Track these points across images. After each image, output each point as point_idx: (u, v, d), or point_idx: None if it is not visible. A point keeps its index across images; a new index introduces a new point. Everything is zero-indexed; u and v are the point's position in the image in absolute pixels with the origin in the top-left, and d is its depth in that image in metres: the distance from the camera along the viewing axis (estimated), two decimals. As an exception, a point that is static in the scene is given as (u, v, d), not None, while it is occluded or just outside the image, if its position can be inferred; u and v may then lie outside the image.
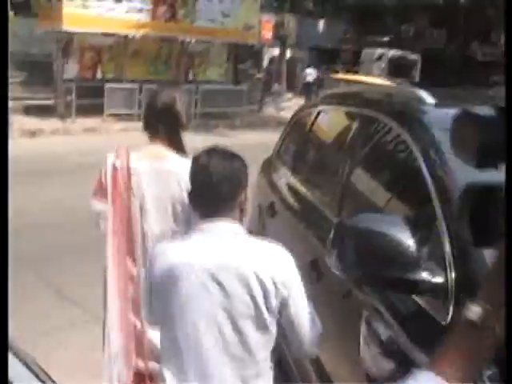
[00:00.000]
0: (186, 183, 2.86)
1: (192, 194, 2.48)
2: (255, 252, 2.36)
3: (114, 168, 3.31)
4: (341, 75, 19.56)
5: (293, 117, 5.43)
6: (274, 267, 2.31)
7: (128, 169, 3.29)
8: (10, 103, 16.88)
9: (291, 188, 4.49)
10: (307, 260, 3.34)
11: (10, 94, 16.84)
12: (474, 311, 1.17)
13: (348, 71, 32.09)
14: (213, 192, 2.37)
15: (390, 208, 2.91)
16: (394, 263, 2.20)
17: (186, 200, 2.92)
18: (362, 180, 3.50)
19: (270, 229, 4.58)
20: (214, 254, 2.33)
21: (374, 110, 3.42)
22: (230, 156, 2.47)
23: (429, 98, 3.00)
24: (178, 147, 3.43)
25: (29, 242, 7.09)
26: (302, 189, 4.23)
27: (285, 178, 4.80)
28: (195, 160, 2.47)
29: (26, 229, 7.52)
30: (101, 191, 3.38)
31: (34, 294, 5.95)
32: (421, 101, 3.03)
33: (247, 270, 2.28)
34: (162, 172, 3.29)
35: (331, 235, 2.36)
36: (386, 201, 3.00)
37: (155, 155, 3.37)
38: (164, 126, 3.42)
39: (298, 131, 5.12)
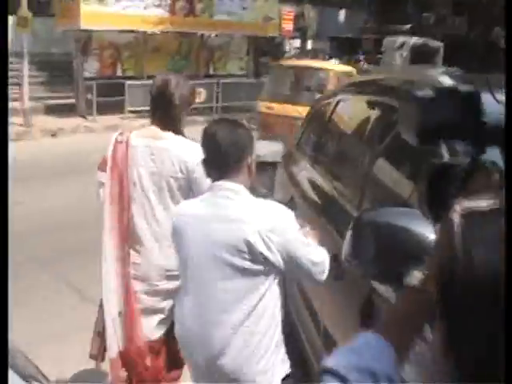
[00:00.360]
0: (180, 162, 3.37)
1: (204, 161, 2.78)
2: (246, 206, 2.69)
3: (116, 142, 3.60)
4: (286, 62, 17.98)
5: (312, 107, 5.30)
6: (261, 219, 2.63)
7: (127, 144, 3.54)
8: (31, 103, 16.98)
9: (311, 181, 4.37)
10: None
11: (30, 95, 16.96)
12: (415, 276, 1.28)
13: (369, 60, 31.86)
14: (220, 157, 2.70)
15: (413, 200, 2.77)
16: (415, 259, 2.07)
17: (182, 178, 3.39)
18: (384, 171, 3.35)
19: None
20: (212, 206, 2.71)
21: (394, 97, 3.27)
22: (235, 124, 2.81)
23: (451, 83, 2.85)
24: (174, 129, 3.56)
25: (51, 243, 7.05)
26: (322, 181, 4.11)
27: (305, 170, 4.67)
28: (205, 130, 2.80)
29: (50, 228, 7.49)
30: (104, 164, 3.64)
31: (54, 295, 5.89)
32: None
33: (234, 221, 2.63)
34: (157, 151, 3.48)
35: (349, 229, 2.23)
36: (409, 192, 2.86)
37: (151, 135, 3.57)
38: (158, 109, 3.60)
39: (317, 122, 5.00)
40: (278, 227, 2.63)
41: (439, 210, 2.01)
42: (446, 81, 2.93)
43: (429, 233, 2.07)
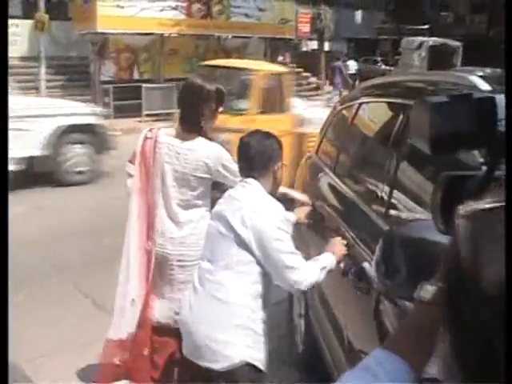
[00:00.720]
0: (202, 163, 3.61)
1: (238, 164, 3.23)
2: (249, 192, 3.06)
3: (145, 138, 3.81)
4: (213, 61, 12.68)
5: (332, 111, 5.14)
6: (252, 202, 3.01)
7: (155, 141, 3.76)
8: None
9: (332, 187, 4.22)
10: (351, 267, 3.07)
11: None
12: (427, 290, 1.23)
13: (386, 62, 31.66)
14: (248, 162, 3.14)
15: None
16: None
17: (202, 178, 3.65)
18: (411, 177, 3.20)
19: (310, 234, 4.32)
20: (231, 198, 3.14)
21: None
22: (266, 136, 3.25)
23: (484, 85, 2.68)
24: (198, 130, 3.72)
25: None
26: (344, 189, 3.96)
27: (326, 176, 4.52)
28: (241, 139, 3.23)
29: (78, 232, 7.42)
30: (134, 158, 3.85)
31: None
32: (475, 88, 2.72)
33: (234, 198, 3.08)
34: (182, 150, 3.68)
35: (378, 246, 2.09)
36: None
37: (178, 135, 3.75)
38: (184, 109, 3.78)
39: (338, 126, 4.83)
40: (260, 212, 2.97)
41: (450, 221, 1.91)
42: (478, 81, 2.76)
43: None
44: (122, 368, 3.82)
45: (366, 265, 2.89)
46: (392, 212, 3.00)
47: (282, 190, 3.61)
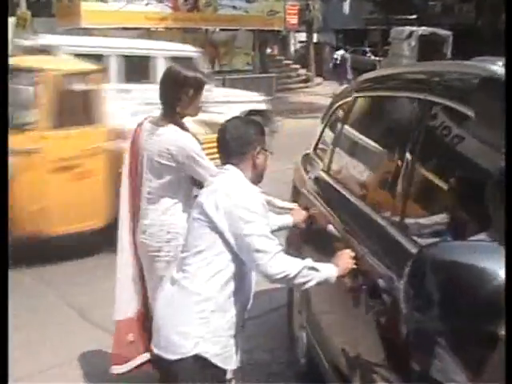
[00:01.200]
0: (165, 149, 3.67)
1: (218, 153, 3.11)
2: (227, 177, 2.97)
3: (137, 125, 3.98)
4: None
5: (329, 108, 4.82)
6: (226, 185, 2.92)
7: (141, 128, 3.91)
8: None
9: (333, 191, 3.89)
10: (363, 283, 2.75)
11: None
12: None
13: (374, 52, 31.43)
14: (225, 147, 3.05)
15: (472, 219, 2.31)
16: (491, 308, 1.62)
17: (163, 164, 3.69)
18: (430, 179, 2.87)
19: (305, 239, 4.02)
20: (208, 184, 3.08)
21: (436, 94, 2.78)
22: (245, 121, 3.22)
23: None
24: (172, 118, 3.78)
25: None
26: (347, 192, 3.63)
27: (322, 178, 4.20)
28: (220, 125, 3.14)
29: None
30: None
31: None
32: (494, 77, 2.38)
33: (209, 195, 2.92)
34: (154, 136, 3.77)
35: (407, 272, 1.77)
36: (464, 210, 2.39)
37: (156, 121, 3.84)
38: (161, 95, 3.82)
39: (335, 123, 4.51)
40: (233, 195, 2.86)
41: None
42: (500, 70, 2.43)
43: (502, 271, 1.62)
44: (136, 344, 3.99)
45: (380, 282, 2.58)
46: (408, 221, 2.68)
47: (266, 197, 3.39)
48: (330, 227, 3.58)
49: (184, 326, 2.83)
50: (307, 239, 4.04)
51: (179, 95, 3.73)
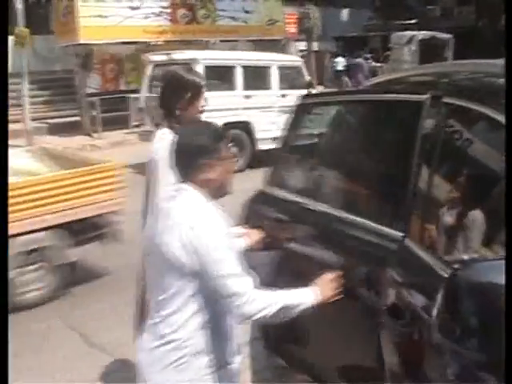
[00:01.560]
0: (149, 154, 3.65)
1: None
2: (186, 217, 2.57)
3: None
4: None
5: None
6: (193, 235, 2.50)
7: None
8: (34, 124, 16.50)
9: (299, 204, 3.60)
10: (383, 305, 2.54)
11: (33, 115, 16.47)
12: None
13: (376, 58, 31.28)
14: (177, 162, 2.70)
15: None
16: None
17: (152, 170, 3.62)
18: (441, 187, 2.68)
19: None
20: (164, 212, 2.70)
21: (460, 97, 2.58)
22: (196, 128, 2.86)
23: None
24: (168, 123, 3.70)
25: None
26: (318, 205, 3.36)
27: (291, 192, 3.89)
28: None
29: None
30: None
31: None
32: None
33: (173, 230, 2.56)
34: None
35: (440, 295, 1.57)
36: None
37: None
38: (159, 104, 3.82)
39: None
40: (200, 229, 2.53)
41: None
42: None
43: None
44: None
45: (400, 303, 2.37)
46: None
47: None
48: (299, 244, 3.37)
49: (162, 374, 2.63)
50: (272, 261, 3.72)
51: (178, 98, 3.67)
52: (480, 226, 2.40)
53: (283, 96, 13.22)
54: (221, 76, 13.49)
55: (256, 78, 13.81)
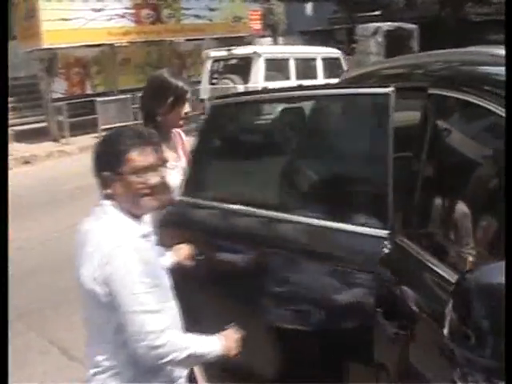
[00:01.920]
0: None
1: None
2: (100, 246, 2.33)
3: None
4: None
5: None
6: (106, 268, 2.28)
7: None
8: None
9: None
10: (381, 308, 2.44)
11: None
12: None
13: (341, 50, 31.34)
14: (94, 171, 2.44)
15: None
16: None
17: None
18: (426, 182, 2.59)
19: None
20: (85, 234, 2.44)
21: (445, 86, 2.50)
22: (113, 133, 2.54)
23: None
24: (149, 124, 3.51)
25: (27, 292, 6.27)
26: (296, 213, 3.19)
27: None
28: None
29: (23, 275, 6.69)
30: None
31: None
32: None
33: (88, 262, 2.35)
34: None
35: (451, 303, 1.47)
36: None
37: None
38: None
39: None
40: (113, 259, 2.28)
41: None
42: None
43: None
44: None
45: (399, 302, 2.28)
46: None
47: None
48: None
49: None
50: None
51: (159, 102, 3.48)
52: (468, 218, 2.33)
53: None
54: (277, 68, 15.59)
55: (305, 68, 15.87)
